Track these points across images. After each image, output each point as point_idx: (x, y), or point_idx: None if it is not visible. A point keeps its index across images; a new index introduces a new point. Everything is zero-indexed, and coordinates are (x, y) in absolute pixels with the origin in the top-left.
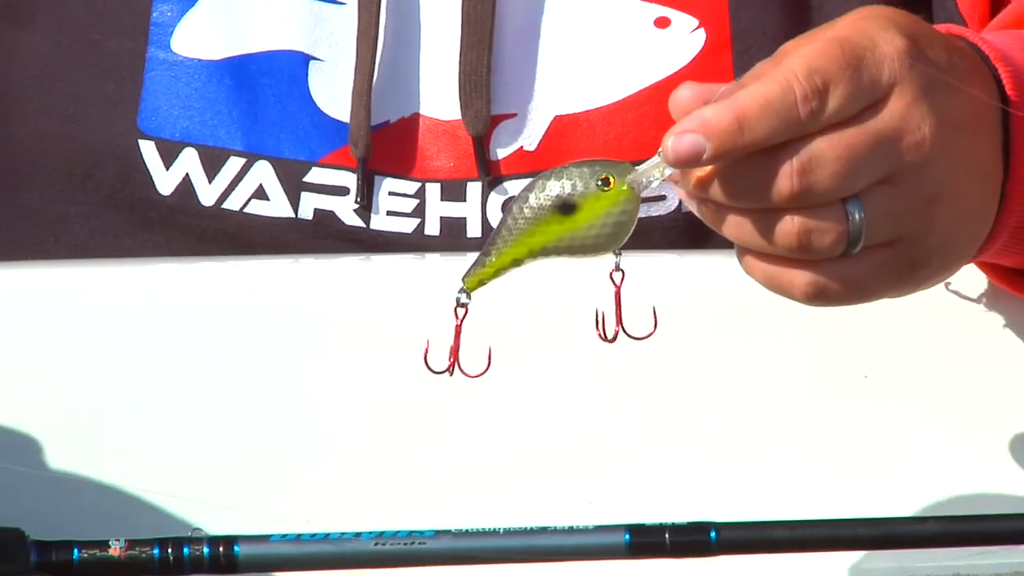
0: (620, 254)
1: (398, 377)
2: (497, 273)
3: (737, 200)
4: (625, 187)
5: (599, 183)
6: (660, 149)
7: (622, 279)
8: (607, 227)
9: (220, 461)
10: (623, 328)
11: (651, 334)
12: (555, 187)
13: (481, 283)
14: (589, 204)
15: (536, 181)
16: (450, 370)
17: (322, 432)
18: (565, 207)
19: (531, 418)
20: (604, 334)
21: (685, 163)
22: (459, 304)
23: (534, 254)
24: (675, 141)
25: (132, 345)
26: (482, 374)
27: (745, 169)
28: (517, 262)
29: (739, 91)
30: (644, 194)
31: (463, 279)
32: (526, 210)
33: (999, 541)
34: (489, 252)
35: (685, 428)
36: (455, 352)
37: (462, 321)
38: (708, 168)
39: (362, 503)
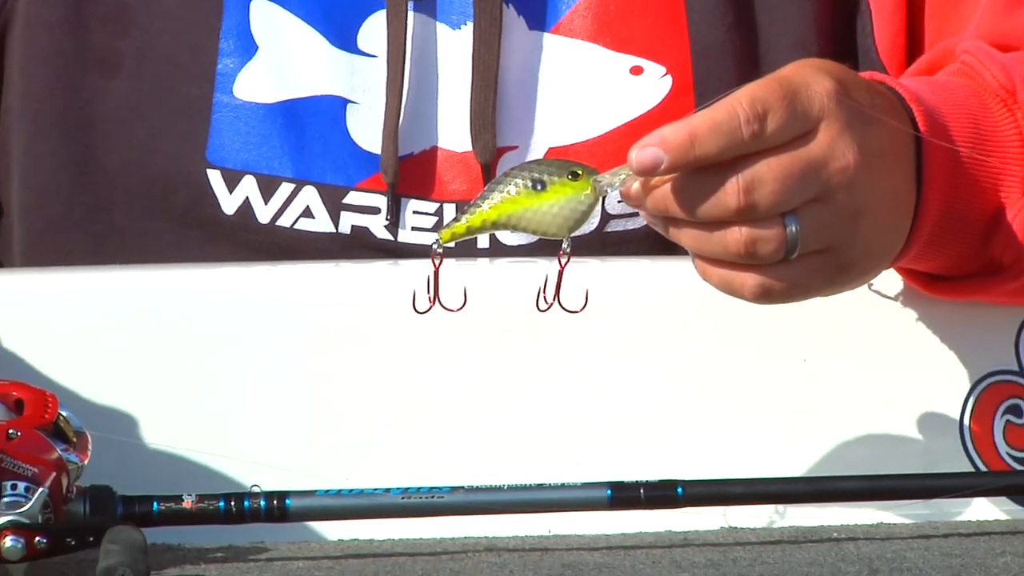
0: (570, 241)
1: (420, 359)
2: (469, 231)
3: (694, 215)
4: (589, 184)
5: (570, 175)
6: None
7: (567, 262)
8: (565, 211)
9: (274, 430)
10: (559, 302)
11: (582, 310)
12: (535, 168)
13: (454, 237)
14: (556, 188)
15: (524, 164)
16: (431, 307)
17: (358, 406)
18: (537, 183)
19: (529, 395)
20: (541, 305)
21: (646, 171)
22: (434, 253)
23: (501, 222)
24: (638, 153)
25: (203, 333)
26: (460, 308)
27: (700, 188)
28: (486, 225)
29: (693, 114)
30: (611, 203)
31: (439, 232)
32: (506, 182)
33: (910, 496)
34: (465, 211)
35: (658, 401)
36: (436, 291)
37: (439, 267)
38: (668, 183)
39: (390, 464)
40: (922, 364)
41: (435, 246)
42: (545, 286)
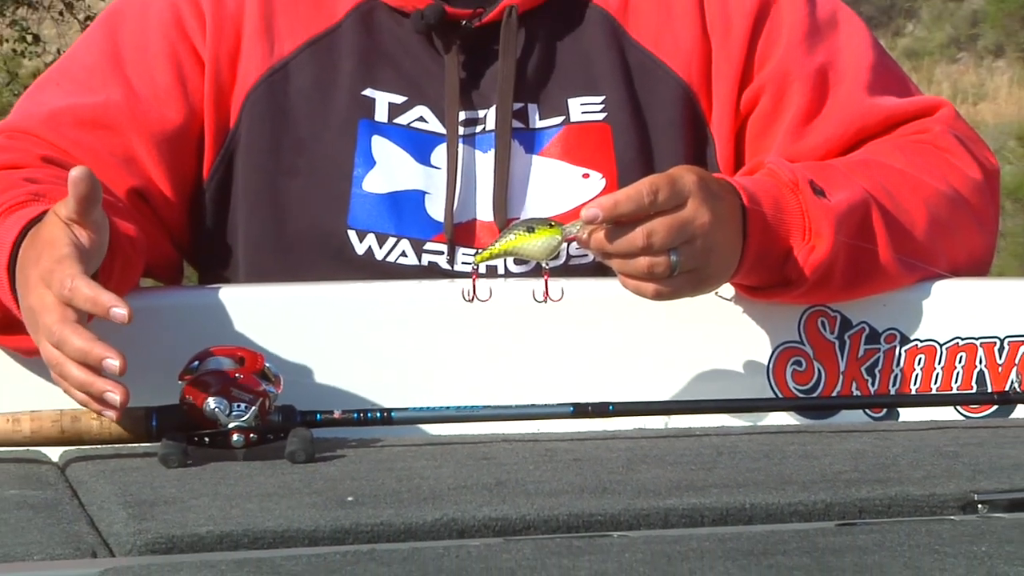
0: (548, 263)
1: (467, 332)
2: (492, 256)
3: (618, 250)
4: (559, 230)
5: (548, 225)
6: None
7: (547, 273)
8: (545, 246)
9: (384, 376)
10: (548, 295)
11: (560, 299)
12: (528, 222)
13: (484, 260)
14: (540, 230)
15: (521, 220)
16: (472, 299)
17: (429, 358)
18: (529, 229)
19: (532, 352)
20: (536, 297)
21: (590, 222)
22: (474, 270)
23: (509, 251)
24: (586, 211)
25: (347, 319)
26: (487, 299)
27: (621, 234)
28: (501, 253)
29: (618, 191)
30: (573, 250)
31: (475, 257)
32: (512, 228)
33: (739, 411)
34: (490, 246)
35: (601, 357)
36: (474, 290)
37: (476, 277)
38: (603, 230)
39: (446, 394)
40: (747, 337)
41: (474, 266)
42: (546, 287)
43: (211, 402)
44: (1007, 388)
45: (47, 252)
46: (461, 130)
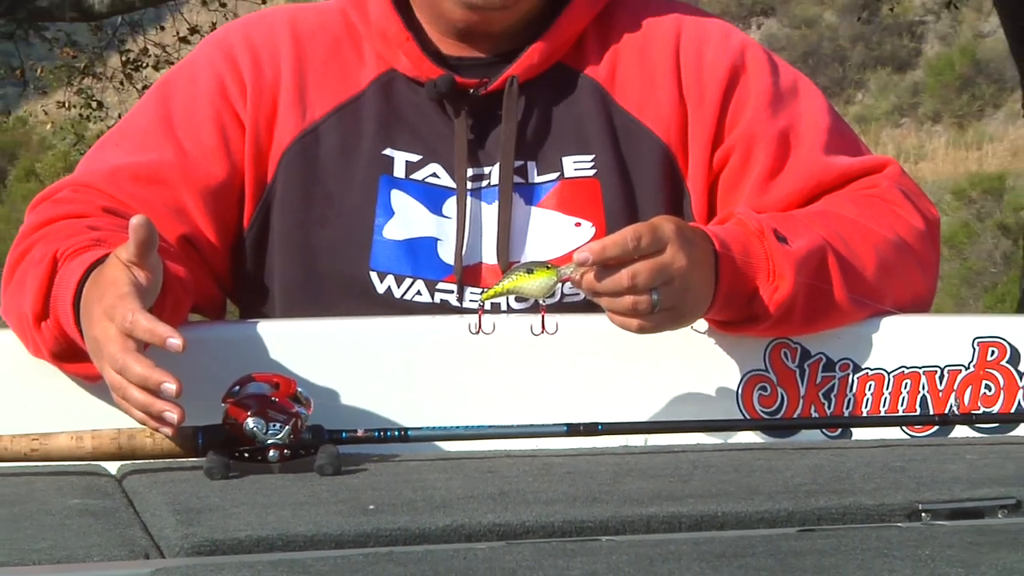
0: (545, 301)
1: (473, 359)
2: (496, 295)
3: (606, 290)
4: (555, 272)
5: (545, 267)
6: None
7: (544, 309)
8: (542, 285)
9: (403, 399)
10: (544, 328)
11: (555, 332)
12: (528, 264)
13: (489, 298)
14: (538, 271)
15: (522, 263)
16: (478, 332)
17: (441, 382)
18: (528, 271)
19: (530, 377)
20: (534, 331)
21: (581, 264)
22: (480, 307)
23: (511, 290)
24: (577, 255)
25: (371, 348)
26: (491, 332)
27: (608, 275)
28: (504, 292)
29: (606, 237)
30: (567, 289)
31: (481, 295)
32: (514, 270)
33: (713, 430)
34: (494, 285)
35: (592, 381)
36: (480, 324)
37: (481, 313)
38: (593, 272)
39: (455, 415)
40: (718, 365)
41: (480, 303)
42: (542, 321)
43: (250, 422)
44: (946, 411)
45: (110, 290)
46: (469, 184)
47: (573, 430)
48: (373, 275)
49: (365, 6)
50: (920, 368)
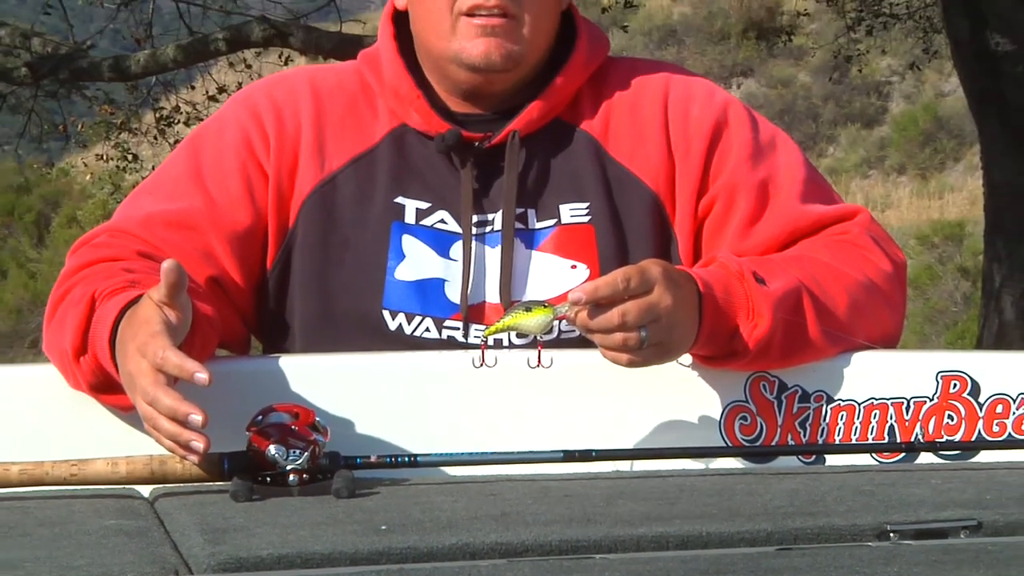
0: (543, 337)
1: (476, 390)
2: (497, 331)
3: (598, 327)
4: (551, 310)
5: (543, 306)
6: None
7: (540, 345)
8: (540, 322)
9: (413, 428)
10: (541, 362)
11: (551, 366)
12: (527, 303)
13: (491, 334)
14: (536, 310)
15: (521, 302)
16: (481, 365)
17: (450, 420)
18: (528, 309)
19: (530, 407)
20: (531, 364)
21: (576, 304)
22: (483, 342)
23: (512, 327)
24: (572, 294)
25: (385, 381)
26: (493, 366)
27: (601, 313)
28: (505, 328)
29: (599, 278)
30: (562, 326)
31: (484, 331)
32: (514, 308)
33: (698, 456)
34: (496, 322)
35: (585, 411)
36: (483, 358)
37: (484, 348)
38: (587, 310)
39: (460, 442)
40: (702, 397)
41: (483, 339)
42: (539, 356)
43: (272, 449)
44: (912, 439)
45: (143, 328)
46: (474, 230)
47: (569, 456)
48: (385, 313)
49: (379, 66)
50: (888, 399)
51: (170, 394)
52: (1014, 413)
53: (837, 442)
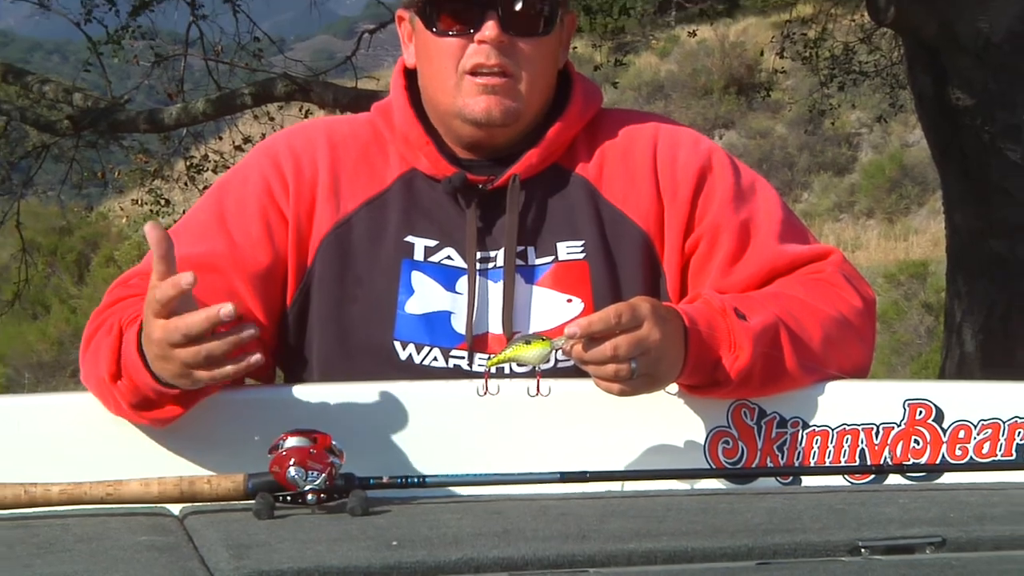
0: (541, 367)
1: (479, 416)
2: (500, 362)
3: (592, 359)
4: (548, 343)
5: (541, 339)
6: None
7: (539, 375)
8: (538, 354)
9: (423, 451)
10: (540, 391)
11: (548, 394)
12: (526, 336)
13: (494, 364)
14: (535, 343)
15: (522, 335)
16: (484, 393)
17: (456, 444)
18: (528, 341)
19: (530, 431)
20: (530, 393)
21: (571, 337)
22: (487, 371)
23: (513, 357)
24: (568, 329)
25: (397, 408)
26: (496, 394)
27: (594, 346)
28: (507, 359)
29: (592, 314)
30: (559, 357)
31: (487, 361)
32: (515, 340)
33: (684, 477)
34: (499, 353)
35: (579, 435)
36: (486, 386)
37: (487, 377)
38: (581, 343)
39: (465, 463)
40: (688, 422)
41: (487, 368)
42: (538, 385)
43: (292, 471)
44: (882, 462)
45: (146, 308)
46: (478, 266)
47: (565, 477)
48: (396, 344)
49: (391, 116)
50: (859, 425)
51: (190, 315)
52: (975, 438)
53: (812, 464)
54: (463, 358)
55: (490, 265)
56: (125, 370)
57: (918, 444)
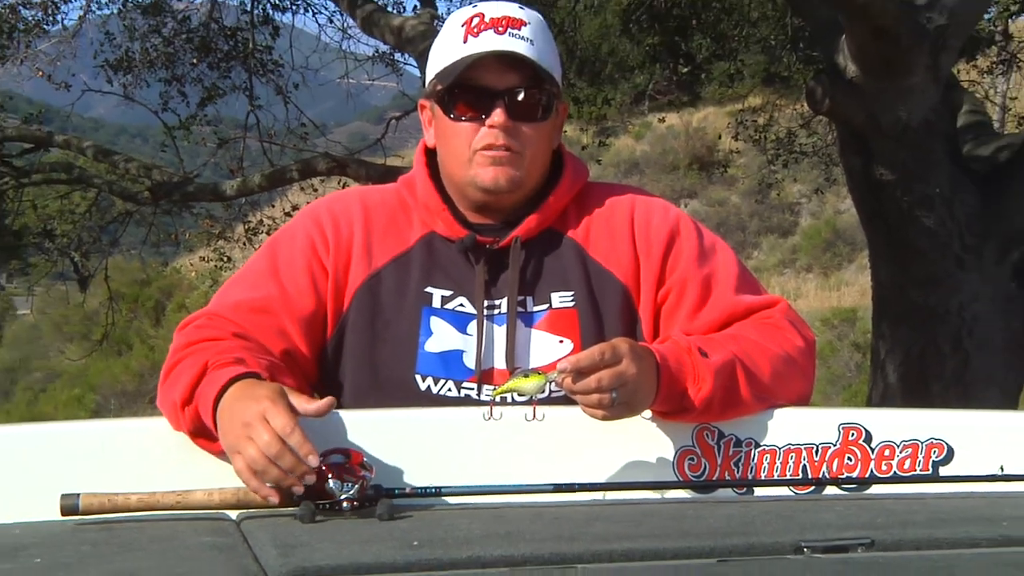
0: (537, 397)
1: (485, 439)
2: (503, 392)
3: (580, 390)
4: (544, 377)
5: (537, 373)
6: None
7: (535, 403)
8: (535, 385)
9: (441, 466)
10: (536, 416)
11: (543, 419)
12: (524, 371)
13: (498, 394)
14: (532, 376)
15: (521, 369)
16: (489, 418)
17: (466, 460)
18: (526, 375)
19: (528, 450)
20: (527, 418)
21: (562, 372)
22: (492, 400)
23: (514, 388)
24: (559, 365)
25: (417, 431)
26: (500, 419)
27: (582, 379)
28: (509, 390)
29: (581, 352)
30: (552, 389)
31: (492, 391)
32: (515, 374)
33: (654, 488)
34: (502, 385)
35: (570, 454)
36: (491, 412)
37: (492, 405)
38: (571, 377)
39: (478, 475)
40: (659, 442)
41: (492, 398)
42: (534, 411)
43: (331, 483)
44: (820, 475)
45: (267, 404)
46: (485, 312)
47: (558, 488)
48: (417, 377)
49: (414, 188)
50: (801, 445)
51: (301, 445)
52: (898, 456)
53: (763, 478)
54: (473, 389)
55: (495, 311)
56: (196, 400)
57: (851, 461)
